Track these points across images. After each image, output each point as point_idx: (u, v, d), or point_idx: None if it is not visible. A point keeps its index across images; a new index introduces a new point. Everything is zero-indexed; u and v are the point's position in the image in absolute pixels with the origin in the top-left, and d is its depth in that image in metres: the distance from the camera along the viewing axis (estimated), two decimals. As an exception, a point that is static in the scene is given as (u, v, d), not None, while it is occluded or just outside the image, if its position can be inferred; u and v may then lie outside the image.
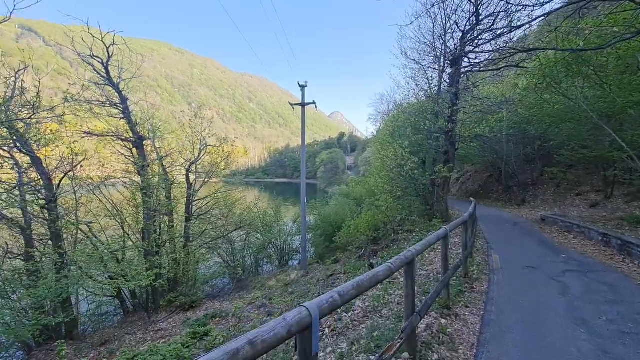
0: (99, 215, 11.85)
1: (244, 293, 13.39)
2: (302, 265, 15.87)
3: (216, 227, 16.11)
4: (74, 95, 10.54)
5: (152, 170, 13.00)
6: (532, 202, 17.03)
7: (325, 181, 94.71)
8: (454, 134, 11.54)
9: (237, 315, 8.52)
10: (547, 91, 12.74)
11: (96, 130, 11.64)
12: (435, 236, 3.21)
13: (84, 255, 10.61)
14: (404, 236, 11.09)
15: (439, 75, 13.50)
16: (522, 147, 19.21)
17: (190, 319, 9.83)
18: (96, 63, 11.66)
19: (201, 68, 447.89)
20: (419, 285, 4.76)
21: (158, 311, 11.24)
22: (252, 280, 15.79)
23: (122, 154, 12.38)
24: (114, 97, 12.05)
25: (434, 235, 3.19)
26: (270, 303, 9.92)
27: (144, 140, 12.23)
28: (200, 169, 15.26)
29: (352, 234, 15.64)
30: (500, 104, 13.86)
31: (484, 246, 8.25)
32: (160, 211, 11.46)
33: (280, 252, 19.51)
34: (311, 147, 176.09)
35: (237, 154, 66.03)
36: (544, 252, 7.56)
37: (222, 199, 16.32)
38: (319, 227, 21.58)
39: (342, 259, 15.70)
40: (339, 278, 10.58)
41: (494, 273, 5.76)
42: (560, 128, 13.32)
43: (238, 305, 8.58)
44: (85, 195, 11.57)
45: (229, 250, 17.36)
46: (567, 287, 4.87)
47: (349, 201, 25.80)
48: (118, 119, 12.38)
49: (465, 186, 27.79)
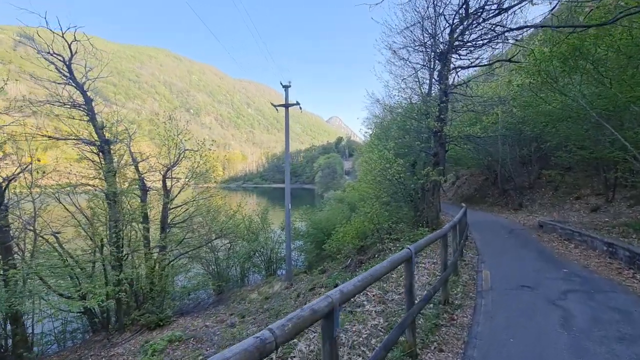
0: (68, 224, 10.96)
1: (223, 307, 12.44)
2: (286, 276, 14.91)
3: (199, 236, 15.15)
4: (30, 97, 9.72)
5: (124, 176, 12.12)
6: (529, 206, 16.16)
7: (322, 186, 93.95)
8: (444, 134, 10.69)
9: (197, 338, 7.58)
10: (543, 88, 11.96)
11: (56, 135, 10.78)
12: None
13: (44, 268, 9.73)
14: (389, 245, 10.17)
15: (430, 74, 12.71)
16: (518, 148, 18.39)
17: (154, 340, 8.87)
18: (57, 61, 10.81)
19: (199, 74, 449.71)
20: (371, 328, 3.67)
21: (123, 330, 10.27)
22: (234, 292, 14.83)
23: (89, 159, 11.48)
24: (77, 98, 11.19)
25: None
26: (242, 322, 8.99)
27: (110, 144, 11.34)
28: (181, 174, 14.35)
29: (340, 241, 14.72)
30: (493, 103, 13.05)
31: (474, 259, 7.30)
32: (124, 220, 10.52)
33: (267, 261, 18.53)
34: (309, 152, 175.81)
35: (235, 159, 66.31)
36: (542, 266, 6.65)
37: (204, 205, 15.39)
38: (310, 233, 20.62)
39: (330, 268, 14.78)
40: (318, 293, 9.67)
41: (482, 296, 4.79)
42: (557, 128, 12.50)
43: (173, 335, 7.59)
44: (50, 204, 10.69)
45: (212, 260, 16.40)
46: (570, 316, 3.95)
47: (343, 206, 24.84)
48: (85, 122, 11.52)
49: (461, 190, 26.94)
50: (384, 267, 2.19)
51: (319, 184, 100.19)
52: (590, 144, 12.46)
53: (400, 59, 11.61)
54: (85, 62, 11.70)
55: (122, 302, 10.30)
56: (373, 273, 1.99)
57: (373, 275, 2.07)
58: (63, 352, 9.95)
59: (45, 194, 10.44)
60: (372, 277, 2.04)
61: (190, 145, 14.29)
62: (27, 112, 11.18)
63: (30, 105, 10.38)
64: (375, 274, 2.00)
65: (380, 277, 2.11)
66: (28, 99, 9.84)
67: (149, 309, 10.31)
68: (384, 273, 2.16)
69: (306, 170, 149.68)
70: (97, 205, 11.12)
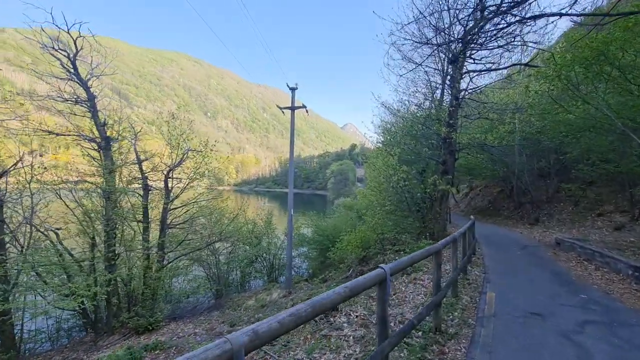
0: (67, 221, 10.85)
1: (217, 313, 12.04)
2: (286, 284, 14.39)
3: (201, 237, 14.85)
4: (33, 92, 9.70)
5: (123, 175, 11.98)
6: (546, 221, 15.16)
7: (335, 192, 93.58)
8: (454, 142, 10.05)
9: (179, 347, 7.17)
10: (563, 95, 11.19)
11: (57, 130, 10.73)
12: (349, 289, 1.77)
13: (41, 264, 9.59)
14: (391, 257, 9.57)
15: (442, 79, 12.13)
16: (536, 160, 17.41)
17: (139, 344, 8.52)
18: (62, 57, 10.81)
19: (218, 78, 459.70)
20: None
21: (112, 333, 9.98)
22: (232, 298, 14.43)
23: (90, 156, 11.39)
24: (81, 94, 11.15)
25: (343, 287, 1.76)
26: (229, 331, 8.54)
27: (110, 141, 11.22)
28: (184, 175, 14.14)
29: (344, 250, 14.16)
30: (509, 111, 12.32)
31: (479, 278, 6.59)
32: (119, 219, 10.30)
33: (269, 267, 18.05)
34: (322, 158, 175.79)
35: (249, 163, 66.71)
36: (556, 290, 5.89)
37: (206, 207, 15.11)
38: (315, 240, 20.09)
39: (331, 277, 14.21)
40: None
41: (483, 324, 4.14)
42: (578, 138, 11.64)
43: (155, 343, 7.16)
44: (49, 200, 10.60)
45: (213, 263, 16.07)
46: (587, 356, 3.31)
47: (352, 214, 24.28)
48: (88, 119, 11.48)
49: (474, 202, 25.88)
50: (339, 294, 1.68)
51: (332, 191, 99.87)
52: (615, 157, 11.55)
53: (410, 61, 11.07)
54: (91, 58, 11.69)
55: (112, 304, 10.03)
56: (313, 304, 1.48)
57: (297, 314, 1.43)
58: (50, 352, 9.73)
59: (46, 190, 10.36)
60: (298, 317, 1.43)
61: (196, 146, 14.06)
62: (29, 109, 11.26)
63: (32, 99, 10.39)
64: (317, 305, 1.50)
65: (327, 311, 1.60)
66: (29, 92, 9.79)
67: (139, 312, 9.99)
68: (336, 303, 1.66)
69: (319, 176, 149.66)
70: (94, 203, 10.97)
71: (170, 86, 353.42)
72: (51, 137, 11.44)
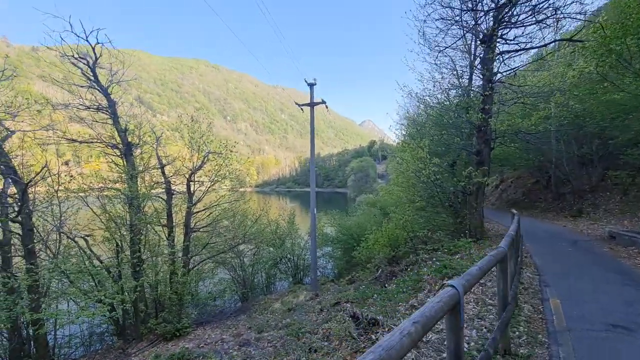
0: (98, 227, 10.95)
1: (244, 317, 11.79)
2: (312, 285, 13.99)
3: (225, 240, 14.74)
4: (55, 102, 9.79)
5: (145, 180, 11.97)
6: (591, 213, 13.90)
7: (355, 190, 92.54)
8: (489, 129, 9.23)
9: (206, 357, 6.86)
10: (611, 73, 10.07)
11: (80, 137, 10.82)
12: (419, 327, 1.25)
13: (72, 271, 9.66)
14: (424, 257, 8.89)
15: (470, 63, 11.27)
16: (577, 146, 16.06)
17: (167, 352, 8.35)
18: (82, 65, 10.87)
19: (236, 82, 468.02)
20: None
21: (140, 339, 9.92)
22: (258, 300, 14.20)
23: (114, 163, 11.43)
24: (101, 101, 11.20)
25: (409, 324, 1.24)
26: (258, 338, 8.18)
27: (132, 147, 11.19)
28: (205, 178, 14.03)
29: (371, 249, 13.58)
30: (546, 95, 11.28)
31: (534, 281, 5.79)
32: (144, 224, 10.22)
33: (294, 268, 17.74)
34: (341, 156, 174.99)
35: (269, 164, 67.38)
36: (632, 294, 4.97)
37: (229, 209, 14.96)
38: (340, 239, 19.60)
39: (359, 278, 13.66)
40: (343, 309, 8.63)
41: (558, 340, 3.43)
42: (631, 119, 10.47)
43: (181, 353, 6.87)
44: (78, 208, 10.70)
45: (238, 265, 15.91)
46: None
47: (375, 211, 23.59)
48: (110, 125, 11.53)
49: (506, 194, 24.47)
50: (410, 335, 1.17)
51: (352, 188, 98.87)
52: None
53: (436, 46, 10.30)
54: (110, 65, 11.72)
55: (140, 310, 9.96)
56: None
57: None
58: (83, 357, 9.80)
59: (73, 197, 10.46)
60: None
61: (217, 148, 13.90)
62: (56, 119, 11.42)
63: (55, 108, 10.50)
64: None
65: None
66: (50, 102, 9.87)
67: (166, 317, 9.87)
68: (407, 350, 1.14)
69: (339, 174, 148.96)
70: (118, 210, 10.98)
71: (191, 92, 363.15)
72: (81, 147, 11.59)
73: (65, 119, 11.92)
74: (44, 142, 10.31)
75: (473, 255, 7.76)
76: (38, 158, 9.80)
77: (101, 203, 10.88)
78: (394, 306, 6.11)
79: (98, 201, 11.04)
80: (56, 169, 10.17)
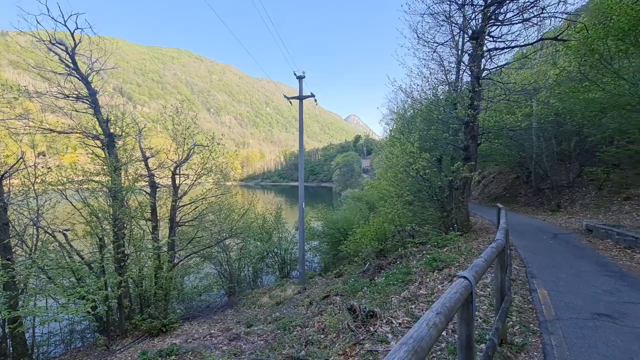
0: (78, 222, 10.51)
1: (232, 312, 11.71)
2: (300, 279, 14.01)
3: (211, 234, 14.49)
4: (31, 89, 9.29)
5: (129, 173, 11.57)
6: (569, 207, 14.49)
7: (340, 184, 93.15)
8: (476, 125, 9.41)
9: (195, 352, 6.77)
10: (592, 72, 10.43)
11: (59, 128, 10.34)
12: (442, 317, 1.26)
13: (53, 265, 9.29)
14: (413, 250, 9.04)
15: (457, 59, 11.41)
16: (556, 143, 16.64)
17: (153, 349, 8.18)
18: (60, 51, 10.33)
19: (220, 74, 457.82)
20: None
21: (125, 335, 9.68)
22: (245, 294, 14.09)
23: (95, 155, 10.98)
24: (81, 90, 10.70)
25: (432, 315, 1.24)
26: (247, 332, 8.13)
27: (114, 138, 10.79)
28: (191, 171, 13.70)
29: (358, 243, 13.68)
30: (529, 92, 11.60)
31: (521, 272, 6.01)
32: (127, 218, 9.91)
33: (281, 262, 17.70)
34: (327, 150, 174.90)
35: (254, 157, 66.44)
36: (611, 284, 5.26)
37: (215, 203, 14.69)
38: (326, 233, 19.68)
39: (347, 272, 13.77)
40: (332, 302, 8.68)
41: (549, 329, 3.58)
42: (608, 118, 10.91)
43: (170, 349, 6.76)
44: (57, 201, 10.25)
45: (224, 260, 15.72)
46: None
47: (361, 205, 23.81)
48: (90, 116, 11.06)
49: (488, 189, 25.17)
50: (435, 325, 1.17)
51: (337, 183, 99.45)
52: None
53: (425, 42, 10.37)
54: (91, 53, 11.20)
55: (124, 306, 9.70)
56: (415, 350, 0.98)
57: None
58: (64, 355, 9.49)
59: (51, 191, 10.01)
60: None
61: (202, 141, 13.60)
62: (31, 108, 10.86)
63: (32, 97, 9.97)
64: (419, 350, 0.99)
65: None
66: (27, 89, 9.37)
67: (152, 313, 9.67)
68: (435, 340, 1.15)
69: (324, 168, 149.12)
70: (101, 203, 10.59)
71: (172, 83, 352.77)
72: (58, 138, 11.08)
73: (39, 109, 11.35)
74: (17, 132, 9.80)
75: (461, 248, 7.96)
76: (13, 149, 9.31)
77: (81, 196, 10.47)
78: (384, 299, 6.18)
79: (78, 194, 10.62)
80: (32, 161, 9.70)
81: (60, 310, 8.51)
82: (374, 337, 3.57)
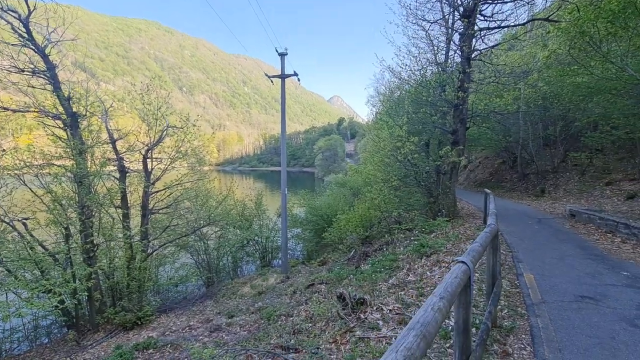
0: (39, 210, 9.56)
1: (211, 303, 11.23)
2: (282, 268, 13.67)
3: (187, 222, 13.72)
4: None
5: (95, 157, 10.62)
6: (553, 192, 14.74)
7: (323, 169, 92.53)
8: (465, 109, 9.13)
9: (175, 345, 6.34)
10: (581, 56, 10.30)
11: (14, 106, 9.23)
12: (445, 302, 1.10)
13: (12, 256, 8.44)
14: (400, 237, 8.82)
15: (447, 38, 10.98)
16: (542, 128, 16.76)
17: (129, 343, 7.67)
18: (12, 19, 9.11)
19: (192, 49, 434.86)
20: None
21: (96, 330, 9.08)
22: (225, 285, 13.57)
23: (56, 136, 9.95)
24: (38, 64, 9.56)
25: (435, 300, 1.07)
26: (229, 323, 7.75)
27: (78, 118, 9.79)
28: (165, 154, 12.78)
29: (342, 230, 13.38)
30: (518, 75, 11.40)
31: (508, 257, 6.06)
32: (95, 205, 9.13)
33: (262, 251, 17.21)
34: (309, 134, 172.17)
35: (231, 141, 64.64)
36: (594, 267, 5.42)
37: (191, 189, 13.89)
38: (309, 220, 19.27)
39: (331, 259, 13.54)
40: (318, 290, 8.40)
41: (535, 312, 3.71)
42: (594, 102, 10.91)
43: (147, 342, 6.27)
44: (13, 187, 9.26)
45: (201, 249, 15.05)
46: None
47: (345, 191, 23.45)
48: (49, 93, 9.96)
49: (474, 174, 25.47)
50: (439, 310, 1.20)
51: (320, 167, 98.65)
52: (627, 122, 10.96)
53: (415, 18, 9.84)
54: (47, 22, 9.97)
55: (95, 299, 9.06)
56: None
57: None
58: (29, 352, 8.80)
59: (7, 175, 9.02)
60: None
61: (175, 122, 12.65)
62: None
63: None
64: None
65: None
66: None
67: (125, 306, 9.07)
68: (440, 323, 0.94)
69: (306, 152, 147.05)
70: (65, 189, 9.68)
71: (140, 59, 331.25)
72: (13, 117, 9.93)
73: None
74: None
75: (449, 234, 7.80)
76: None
77: (42, 182, 9.51)
78: (372, 286, 5.92)
79: (38, 180, 9.64)
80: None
81: (24, 305, 7.83)
82: (364, 324, 3.51)
